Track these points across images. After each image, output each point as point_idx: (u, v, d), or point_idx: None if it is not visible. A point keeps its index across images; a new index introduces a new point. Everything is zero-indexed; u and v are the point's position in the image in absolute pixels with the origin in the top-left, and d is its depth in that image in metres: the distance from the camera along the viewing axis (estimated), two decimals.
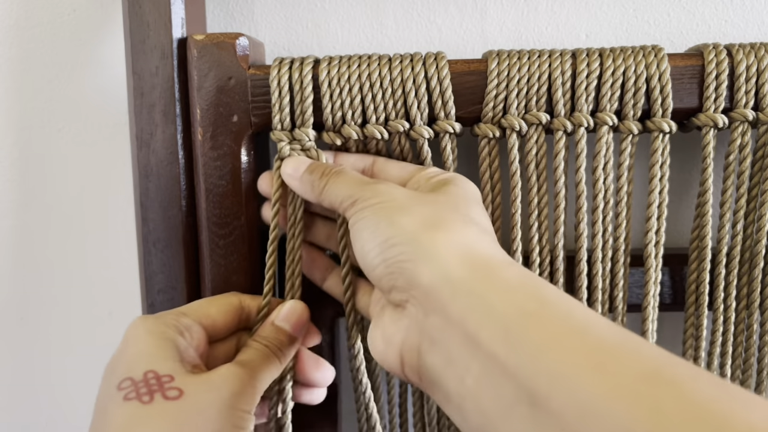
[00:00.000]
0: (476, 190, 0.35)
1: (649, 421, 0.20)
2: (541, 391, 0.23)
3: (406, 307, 0.29)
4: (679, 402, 0.21)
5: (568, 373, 0.23)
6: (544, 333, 0.24)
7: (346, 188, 0.33)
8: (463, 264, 0.28)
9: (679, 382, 0.21)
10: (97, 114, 0.47)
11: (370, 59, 0.38)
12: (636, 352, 0.23)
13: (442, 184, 0.34)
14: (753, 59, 0.37)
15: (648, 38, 0.45)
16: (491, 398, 0.25)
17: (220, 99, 0.38)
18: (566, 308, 0.26)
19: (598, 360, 0.23)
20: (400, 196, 0.32)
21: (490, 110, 0.38)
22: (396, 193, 0.32)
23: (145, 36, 0.38)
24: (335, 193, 0.34)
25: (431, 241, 0.29)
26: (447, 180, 0.34)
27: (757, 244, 0.40)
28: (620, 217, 0.39)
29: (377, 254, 0.30)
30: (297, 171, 0.36)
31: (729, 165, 0.39)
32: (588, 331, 0.24)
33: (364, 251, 0.31)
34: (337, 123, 0.38)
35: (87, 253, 0.49)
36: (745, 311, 0.41)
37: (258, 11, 0.46)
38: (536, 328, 0.25)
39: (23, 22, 0.46)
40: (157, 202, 0.40)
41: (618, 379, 0.22)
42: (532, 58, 0.38)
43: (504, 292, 0.27)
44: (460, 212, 0.32)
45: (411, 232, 0.29)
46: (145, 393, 0.28)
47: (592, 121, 0.38)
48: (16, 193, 0.48)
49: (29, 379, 0.51)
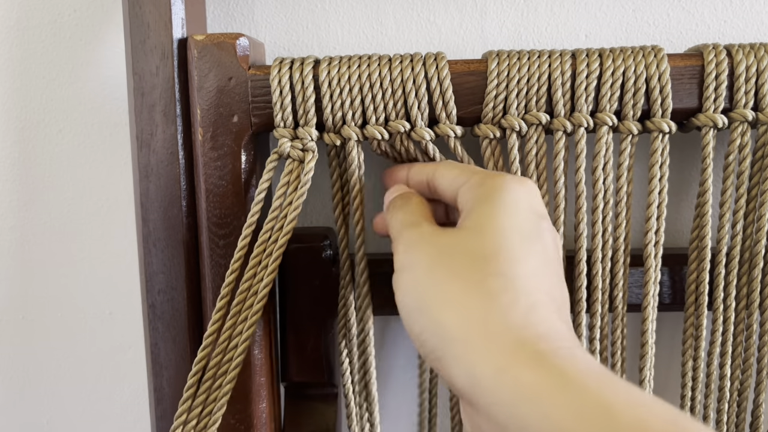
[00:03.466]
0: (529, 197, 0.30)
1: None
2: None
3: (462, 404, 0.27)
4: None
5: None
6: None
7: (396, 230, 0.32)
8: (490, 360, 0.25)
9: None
10: (97, 114, 0.47)
11: (370, 59, 0.38)
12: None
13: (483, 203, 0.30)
14: (753, 59, 0.37)
15: (648, 38, 0.45)
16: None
17: (221, 99, 0.38)
18: (636, 420, 0.22)
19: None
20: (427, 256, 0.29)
21: (490, 111, 0.38)
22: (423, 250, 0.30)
23: (146, 36, 0.38)
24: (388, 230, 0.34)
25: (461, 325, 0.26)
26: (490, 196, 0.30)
27: (756, 244, 0.40)
28: (620, 217, 0.39)
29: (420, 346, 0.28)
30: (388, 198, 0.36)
31: (728, 165, 0.39)
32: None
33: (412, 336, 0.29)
34: (338, 123, 0.38)
35: (87, 253, 0.49)
36: (745, 311, 0.41)
37: (258, 11, 0.46)
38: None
39: (23, 22, 0.46)
40: (157, 202, 0.40)
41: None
42: (532, 59, 0.38)
43: (555, 398, 0.23)
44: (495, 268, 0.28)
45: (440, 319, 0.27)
46: None
47: (591, 121, 0.38)
48: (16, 193, 0.48)
49: (29, 378, 0.51)
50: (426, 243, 0.30)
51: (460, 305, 0.27)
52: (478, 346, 0.25)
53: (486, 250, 0.28)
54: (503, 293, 0.27)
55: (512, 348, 0.25)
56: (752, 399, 0.42)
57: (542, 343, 0.25)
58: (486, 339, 0.25)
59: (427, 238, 0.30)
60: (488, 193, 0.30)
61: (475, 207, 0.30)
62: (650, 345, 0.40)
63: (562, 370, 0.24)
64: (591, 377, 0.23)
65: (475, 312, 0.26)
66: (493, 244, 0.28)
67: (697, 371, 0.42)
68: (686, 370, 0.42)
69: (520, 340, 0.25)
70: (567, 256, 0.40)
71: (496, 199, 0.30)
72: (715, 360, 0.41)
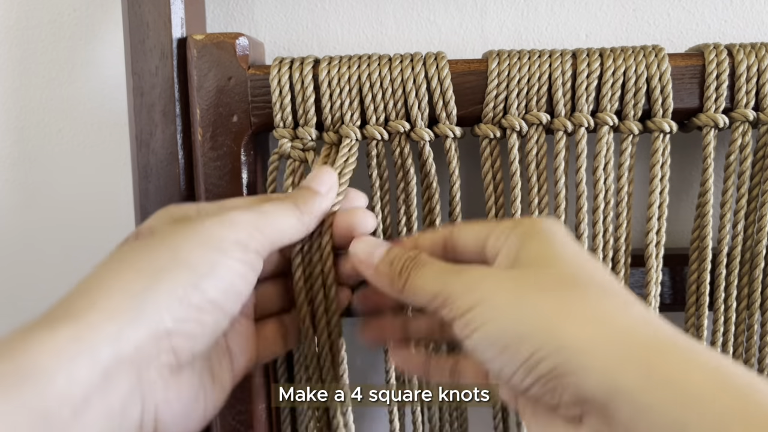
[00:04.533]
0: (561, 227, 0.30)
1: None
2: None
3: (584, 421, 0.25)
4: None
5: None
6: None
7: (432, 283, 0.29)
8: (631, 363, 0.23)
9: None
10: (97, 114, 0.47)
11: (370, 59, 0.38)
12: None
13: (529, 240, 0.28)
14: (753, 59, 0.37)
15: (648, 38, 0.45)
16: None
17: (220, 99, 0.38)
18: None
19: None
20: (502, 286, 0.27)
21: (490, 110, 0.38)
22: (492, 281, 0.27)
23: (145, 36, 0.38)
24: (420, 290, 0.29)
25: (581, 338, 0.24)
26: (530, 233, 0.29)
27: (757, 245, 0.40)
28: (621, 217, 0.39)
29: (525, 374, 0.25)
30: (371, 258, 0.32)
31: (729, 165, 0.39)
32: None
33: (505, 373, 0.26)
34: (337, 123, 0.38)
35: (87, 253, 0.49)
36: (746, 311, 0.41)
37: (258, 11, 0.46)
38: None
39: (23, 22, 0.46)
40: (157, 202, 0.40)
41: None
42: (532, 58, 0.38)
43: (692, 404, 0.22)
44: (583, 278, 0.27)
45: (553, 336, 0.24)
46: (140, 233, 0.29)
47: (592, 121, 0.38)
48: (16, 193, 0.48)
49: None
50: (493, 276, 0.28)
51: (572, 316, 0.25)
52: (614, 352, 0.24)
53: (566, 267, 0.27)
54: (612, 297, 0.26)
55: (652, 346, 0.24)
56: None
57: (677, 337, 0.24)
58: (620, 343, 0.24)
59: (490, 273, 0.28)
60: (531, 230, 0.29)
61: (523, 244, 0.29)
62: None
63: (713, 365, 0.23)
64: (733, 368, 0.23)
65: (592, 319, 0.25)
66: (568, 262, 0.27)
67: None
68: None
69: (656, 337, 0.24)
70: None
71: (540, 233, 0.29)
72: None
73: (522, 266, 0.28)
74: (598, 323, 0.25)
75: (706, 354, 0.24)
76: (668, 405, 0.22)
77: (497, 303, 0.26)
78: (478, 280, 0.28)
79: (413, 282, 0.30)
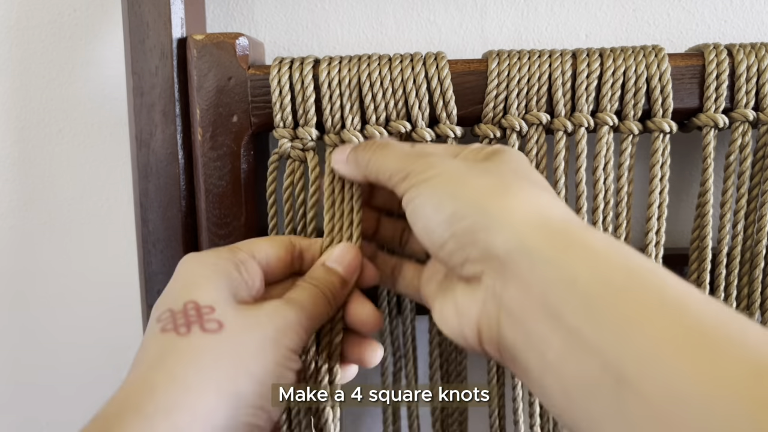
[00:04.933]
0: (526, 158, 0.33)
1: (756, 419, 0.18)
2: (629, 371, 0.21)
3: (482, 279, 0.28)
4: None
5: (661, 355, 0.21)
6: (634, 308, 0.22)
7: (395, 161, 0.32)
8: (539, 231, 0.26)
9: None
10: (97, 114, 0.47)
11: (370, 59, 0.38)
12: (741, 339, 0.21)
13: (493, 154, 0.32)
14: (753, 59, 0.37)
15: (648, 38, 0.45)
16: (574, 376, 0.23)
17: (220, 99, 0.38)
18: (658, 280, 0.24)
19: (697, 344, 0.21)
20: (457, 167, 0.30)
21: (490, 110, 0.38)
22: (451, 164, 0.31)
23: (145, 36, 0.38)
24: (383, 166, 0.32)
25: (502, 208, 0.27)
26: (497, 150, 0.32)
27: (757, 245, 0.40)
28: (620, 217, 0.39)
29: (445, 229, 0.28)
30: (343, 154, 0.35)
31: (729, 165, 0.39)
32: (683, 307, 0.22)
33: (429, 228, 0.29)
34: (337, 123, 0.38)
35: (87, 253, 0.49)
36: (746, 311, 0.41)
37: (258, 11, 0.46)
38: (624, 302, 0.23)
39: (23, 22, 0.46)
40: (156, 202, 0.40)
41: (719, 370, 0.20)
42: (532, 58, 0.38)
43: (586, 260, 0.25)
44: (523, 176, 0.30)
45: (479, 202, 0.28)
46: (183, 324, 0.27)
47: (592, 121, 0.38)
48: (16, 193, 0.48)
49: (29, 378, 0.51)
50: (451, 161, 0.31)
51: (498, 192, 0.28)
52: (526, 219, 0.27)
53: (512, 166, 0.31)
54: (541, 190, 0.30)
55: (560, 221, 0.27)
56: None
57: (585, 223, 0.28)
58: (533, 214, 0.27)
59: (450, 159, 0.31)
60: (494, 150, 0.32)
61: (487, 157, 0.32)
62: None
63: (608, 237, 0.27)
64: (617, 246, 0.26)
65: (515, 197, 0.28)
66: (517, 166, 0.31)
67: None
68: None
69: (566, 218, 0.28)
70: None
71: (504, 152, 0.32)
72: None
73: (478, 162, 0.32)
74: (519, 199, 0.28)
75: (601, 233, 0.27)
76: (563, 260, 0.25)
77: (444, 176, 0.30)
78: (437, 162, 0.31)
79: (378, 158, 0.33)
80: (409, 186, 0.30)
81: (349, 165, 0.35)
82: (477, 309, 0.28)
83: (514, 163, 0.31)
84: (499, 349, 0.27)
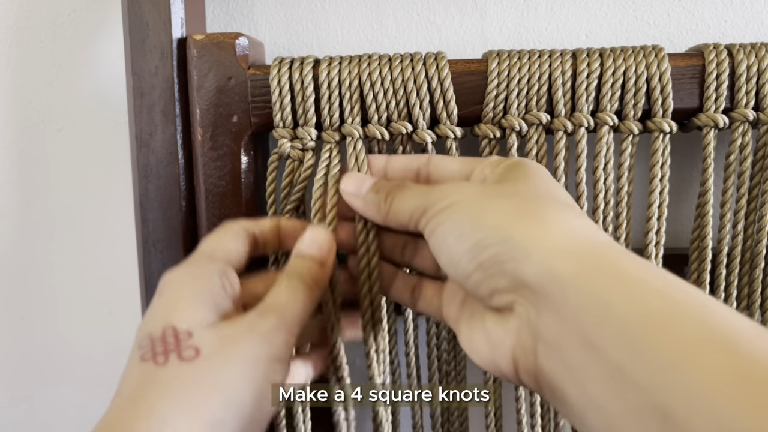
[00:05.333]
0: (547, 171, 0.32)
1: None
2: (677, 410, 0.20)
3: (515, 309, 0.27)
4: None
5: (711, 393, 0.20)
6: (679, 343, 0.21)
7: (413, 200, 0.31)
8: (568, 256, 0.25)
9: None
10: (97, 114, 0.47)
11: (370, 59, 0.38)
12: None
13: (512, 170, 0.31)
14: (753, 59, 0.37)
15: (648, 38, 0.45)
16: (617, 412, 0.22)
17: (220, 99, 0.38)
18: (701, 309, 0.22)
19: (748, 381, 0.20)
20: (476, 192, 0.29)
21: (490, 110, 0.38)
22: (467, 189, 0.30)
23: (145, 36, 0.38)
24: (402, 209, 0.31)
25: (528, 234, 0.26)
26: (515, 165, 0.31)
27: (757, 245, 0.40)
28: (620, 217, 0.39)
29: (470, 260, 0.27)
30: (360, 190, 0.34)
31: (729, 165, 0.39)
32: (731, 340, 0.21)
33: (453, 260, 0.28)
34: (336, 123, 0.38)
35: (87, 253, 0.49)
36: (746, 311, 0.41)
37: (258, 11, 0.46)
38: (666, 333, 0.21)
39: (23, 22, 0.46)
40: (156, 202, 0.40)
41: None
42: (532, 58, 0.38)
43: (619, 287, 0.23)
44: (545, 195, 0.29)
45: (503, 229, 0.27)
46: (161, 353, 0.27)
47: (592, 121, 0.38)
48: (16, 193, 0.48)
49: (29, 378, 0.51)
50: (467, 186, 0.30)
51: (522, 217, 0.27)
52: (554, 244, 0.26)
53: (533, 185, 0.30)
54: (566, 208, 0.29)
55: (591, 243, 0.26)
56: None
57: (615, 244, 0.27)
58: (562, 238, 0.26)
59: (465, 184, 0.31)
60: (514, 164, 0.31)
61: (504, 173, 0.31)
62: None
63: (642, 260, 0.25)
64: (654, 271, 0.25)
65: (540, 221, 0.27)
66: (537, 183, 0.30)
67: None
68: None
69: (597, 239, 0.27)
70: None
71: (525, 166, 0.31)
72: None
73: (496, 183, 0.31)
74: (544, 224, 0.27)
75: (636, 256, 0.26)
76: (597, 287, 0.24)
77: (463, 204, 0.29)
78: (453, 189, 0.30)
79: (396, 203, 0.32)
80: (428, 219, 0.30)
81: (368, 206, 0.34)
82: (511, 339, 0.27)
83: (535, 180, 0.30)
84: (537, 380, 0.26)
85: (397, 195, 0.32)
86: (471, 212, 0.28)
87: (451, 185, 0.31)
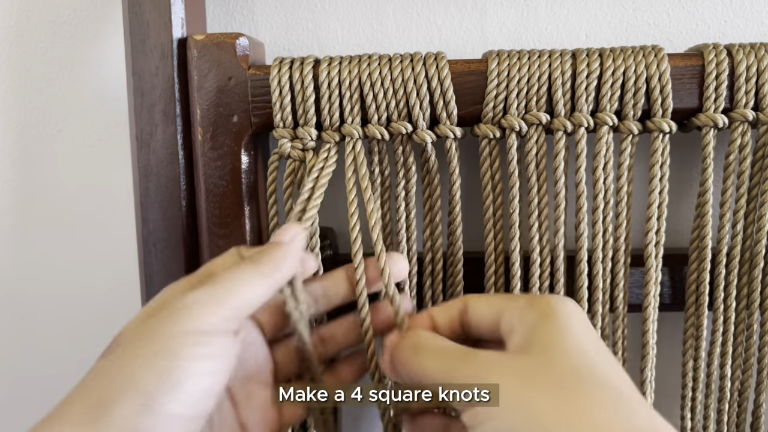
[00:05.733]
0: (578, 311, 0.30)
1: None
2: None
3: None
4: None
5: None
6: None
7: (438, 367, 0.29)
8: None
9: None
10: (97, 114, 0.47)
11: (370, 59, 0.38)
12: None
13: (542, 327, 0.28)
14: (753, 59, 0.37)
15: (648, 38, 0.45)
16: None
17: (220, 99, 0.38)
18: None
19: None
20: (510, 378, 0.27)
21: (490, 110, 0.38)
22: (500, 370, 0.27)
23: (145, 36, 0.38)
24: (426, 374, 0.29)
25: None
26: (545, 316, 0.29)
27: (757, 244, 0.40)
28: (620, 217, 0.39)
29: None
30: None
31: (729, 165, 0.39)
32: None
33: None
34: (336, 123, 0.38)
35: (87, 253, 0.49)
36: (745, 311, 0.41)
37: (258, 11, 0.46)
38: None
39: (23, 22, 0.46)
40: (157, 202, 0.40)
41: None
42: (532, 58, 0.38)
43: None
44: (585, 375, 0.27)
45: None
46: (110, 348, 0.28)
47: (592, 121, 0.38)
48: (16, 193, 0.48)
49: (29, 377, 0.51)
50: (502, 367, 0.28)
51: (571, 424, 0.25)
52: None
53: (576, 360, 0.27)
54: (617, 402, 0.26)
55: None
56: (753, 399, 0.42)
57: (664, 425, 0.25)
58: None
59: (499, 362, 0.28)
60: (545, 314, 0.29)
61: (536, 328, 0.29)
62: (651, 345, 0.40)
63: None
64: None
65: (590, 427, 0.25)
66: (580, 354, 0.28)
67: (698, 371, 0.42)
68: (687, 370, 0.42)
69: (650, 420, 0.25)
70: (567, 256, 0.40)
71: (557, 317, 0.29)
72: (716, 360, 0.41)
73: (533, 353, 0.28)
74: (592, 422, 0.25)
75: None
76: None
77: (504, 400, 0.26)
78: (487, 369, 0.27)
79: (419, 366, 0.29)
80: (464, 406, 0.27)
81: (392, 372, 0.32)
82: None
83: (570, 344, 0.28)
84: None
85: (415, 357, 0.30)
86: (513, 417, 0.26)
87: (481, 360, 0.28)
